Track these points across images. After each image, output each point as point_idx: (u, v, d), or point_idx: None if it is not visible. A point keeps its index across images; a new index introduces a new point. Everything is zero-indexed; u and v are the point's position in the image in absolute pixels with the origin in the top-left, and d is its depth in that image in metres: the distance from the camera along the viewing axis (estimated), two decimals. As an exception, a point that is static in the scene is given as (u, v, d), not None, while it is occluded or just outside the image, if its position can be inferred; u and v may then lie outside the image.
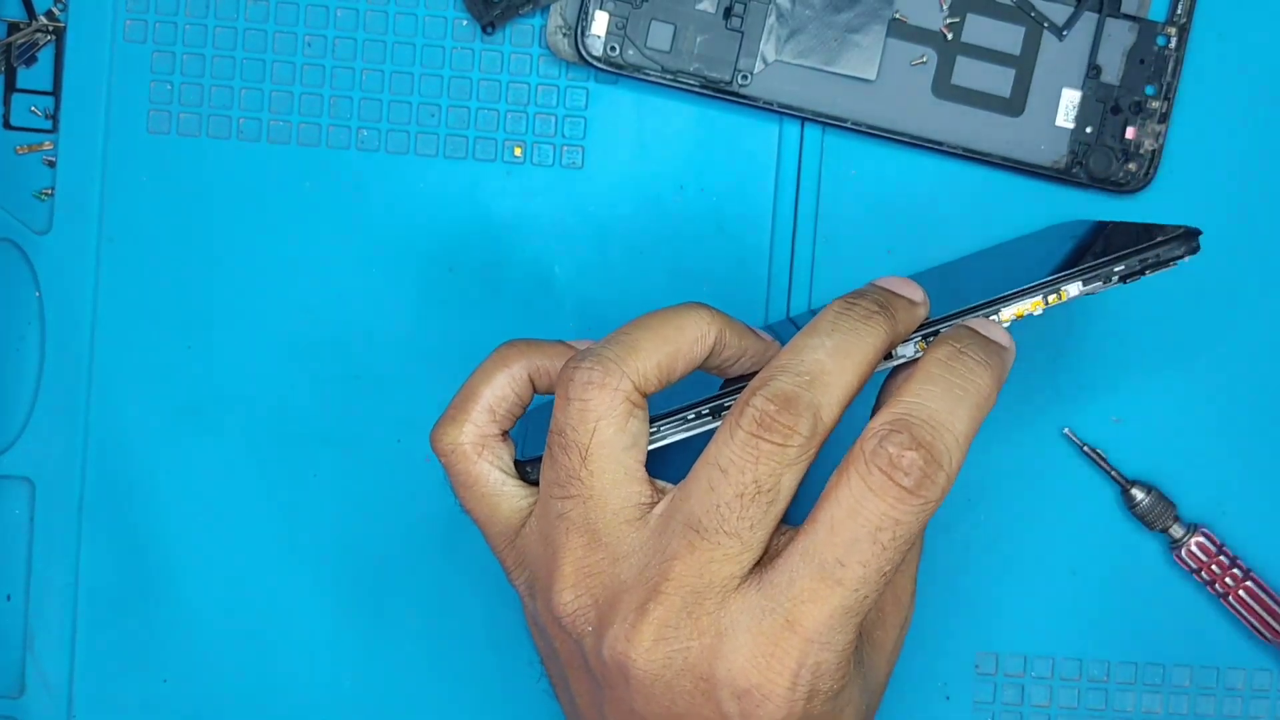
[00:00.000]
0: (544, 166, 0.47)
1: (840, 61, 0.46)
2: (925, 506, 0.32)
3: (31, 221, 0.48)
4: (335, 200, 0.47)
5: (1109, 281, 0.36)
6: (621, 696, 0.35)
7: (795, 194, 0.47)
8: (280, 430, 0.48)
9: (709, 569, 0.33)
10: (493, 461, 0.38)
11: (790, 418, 0.33)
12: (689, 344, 0.36)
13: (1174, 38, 0.46)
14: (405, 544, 0.48)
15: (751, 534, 0.33)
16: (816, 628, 0.33)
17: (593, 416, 0.35)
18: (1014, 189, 0.47)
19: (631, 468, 0.35)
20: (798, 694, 0.33)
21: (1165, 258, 0.36)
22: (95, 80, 0.47)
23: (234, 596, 0.48)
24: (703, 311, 0.37)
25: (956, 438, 0.33)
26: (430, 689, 0.48)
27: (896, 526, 0.32)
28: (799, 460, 0.33)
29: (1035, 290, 0.36)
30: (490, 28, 0.47)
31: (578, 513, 0.35)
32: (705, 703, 0.34)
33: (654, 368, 0.35)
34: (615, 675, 0.35)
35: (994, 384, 0.34)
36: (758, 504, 0.33)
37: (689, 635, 0.34)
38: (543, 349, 0.39)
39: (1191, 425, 0.47)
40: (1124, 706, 0.47)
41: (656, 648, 0.34)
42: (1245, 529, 0.47)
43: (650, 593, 0.34)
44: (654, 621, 0.34)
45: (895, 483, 0.32)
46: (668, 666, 0.34)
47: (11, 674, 0.48)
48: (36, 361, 0.48)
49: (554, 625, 0.36)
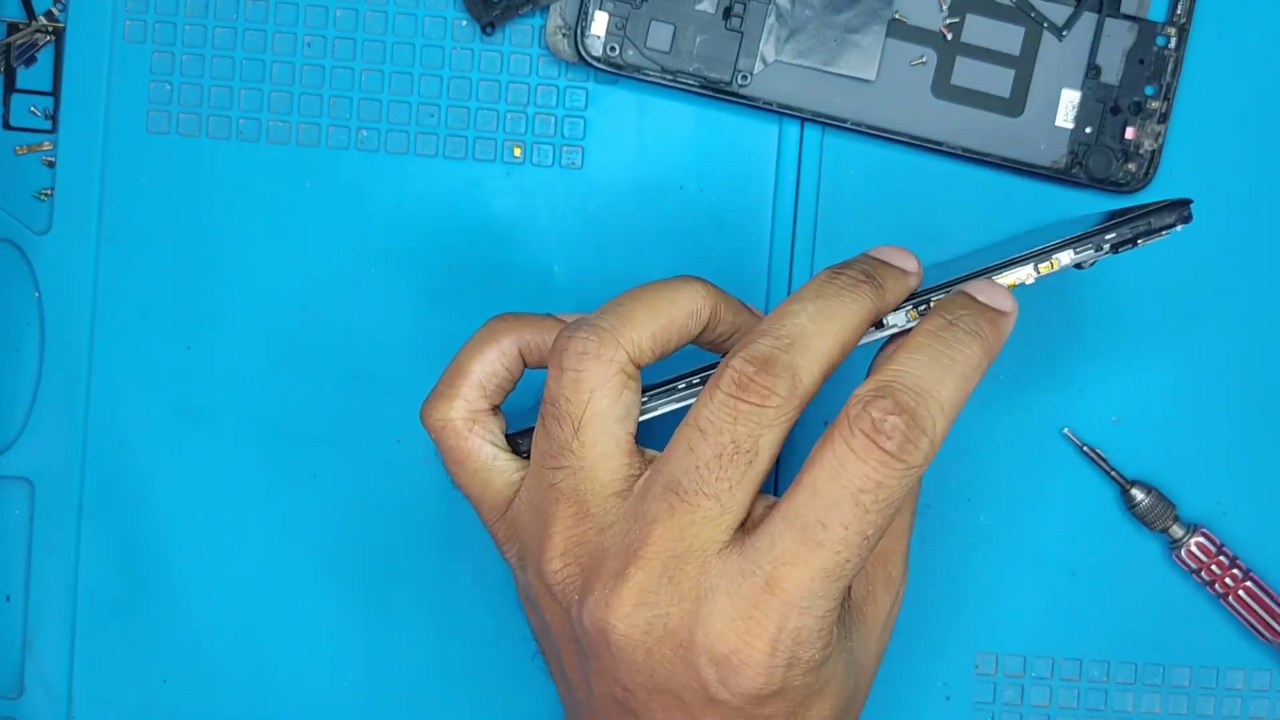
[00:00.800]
0: (544, 167, 0.47)
1: (840, 62, 0.46)
2: (909, 471, 0.32)
3: (31, 222, 0.48)
4: (335, 200, 0.47)
5: (1100, 250, 0.36)
6: (606, 666, 0.35)
7: (795, 194, 0.47)
8: (280, 430, 0.48)
9: (689, 531, 0.33)
10: (484, 436, 0.38)
11: (768, 379, 0.33)
12: (684, 316, 0.36)
13: (1174, 38, 0.46)
14: (404, 544, 0.48)
15: (730, 495, 0.33)
16: (797, 590, 0.33)
17: (587, 387, 0.35)
18: (1013, 189, 0.47)
19: (623, 439, 0.35)
20: (777, 660, 0.33)
21: (1157, 225, 0.36)
22: (95, 81, 0.47)
23: (233, 596, 0.48)
24: (697, 284, 0.37)
25: (941, 405, 0.33)
26: (430, 689, 0.48)
27: (879, 490, 0.32)
28: (777, 421, 0.33)
29: (1027, 260, 0.36)
30: (490, 28, 0.47)
31: (568, 483, 0.35)
32: (685, 670, 0.34)
33: (648, 339, 0.35)
34: (598, 642, 0.34)
35: (984, 354, 0.34)
36: (736, 464, 0.33)
37: (669, 600, 0.33)
38: (532, 323, 0.39)
39: (1191, 425, 0.47)
40: (1124, 706, 0.47)
41: (636, 613, 0.34)
42: (1245, 529, 0.47)
43: (630, 558, 0.34)
44: (634, 586, 0.34)
45: (878, 446, 0.32)
46: (648, 633, 0.34)
47: (11, 674, 0.48)
48: (36, 362, 0.48)
49: (545, 594, 0.36)
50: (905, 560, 0.39)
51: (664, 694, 0.34)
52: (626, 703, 0.35)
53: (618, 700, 0.35)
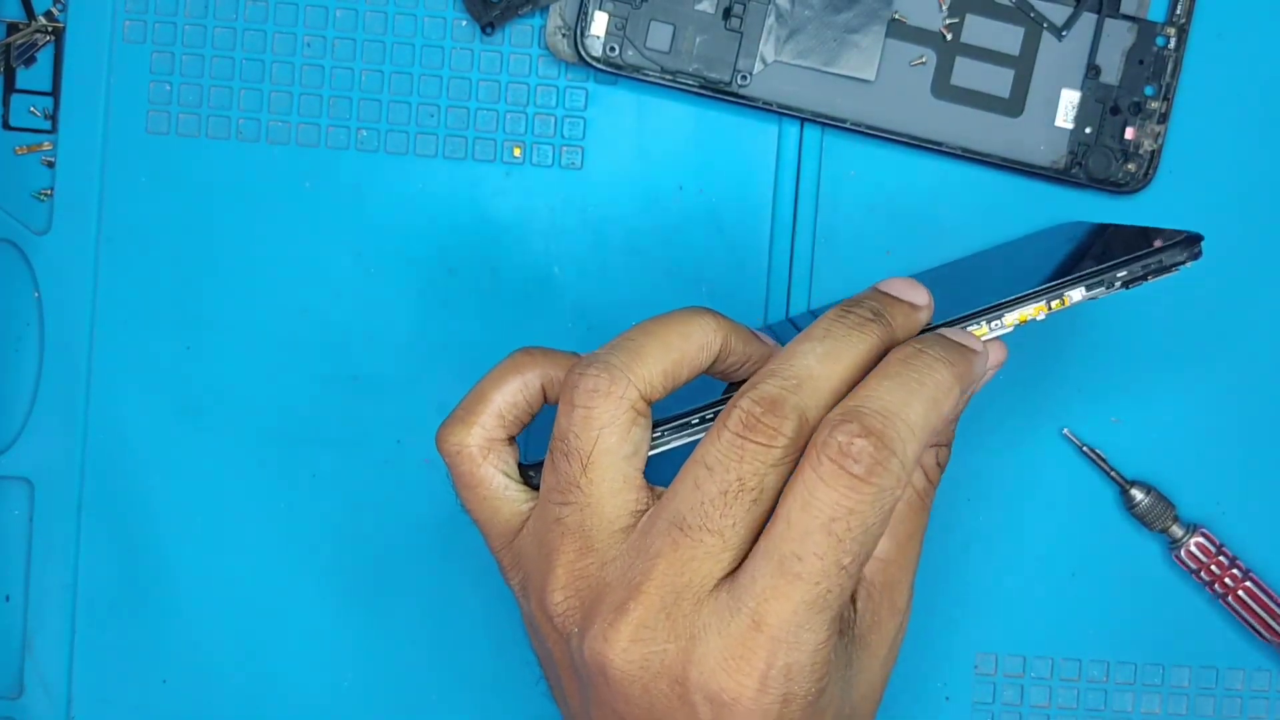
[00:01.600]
0: (543, 167, 0.47)
1: (839, 62, 0.46)
2: (880, 496, 0.32)
3: (31, 222, 0.48)
4: (335, 201, 0.47)
5: (1111, 287, 0.37)
6: (604, 698, 0.35)
7: (794, 194, 0.47)
8: (280, 431, 0.48)
9: (689, 567, 0.33)
10: (497, 465, 0.38)
11: (775, 420, 0.33)
12: (695, 350, 0.36)
13: (1173, 38, 0.46)
14: (404, 544, 0.48)
15: (734, 532, 0.33)
16: (782, 625, 0.32)
17: (596, 425, 0.35)
18: (1013, 189, 0.47)
19: (630, 476, 0.35)
20: (768, 697, 0.33)
21: (1168, 263, 0.36)
22: (94, 81, 0.47)
23: (233, 597, 0.48)
24: (708, 317, 0.37)
25: (910, 426, 0.33)
26: (430, 688, 0.48)
27: (850, 516, 0.32)
28: (783, 461, 0.33)
29: (1039, 295, 0.36)
30: (489, 28, 0.47)
31: (574, 519, 0.35)
32: (681, 706, 0.34)
33: (659, 375, 0.35)
34: (596, 675, 0.35)
35: (953, 378, 0.34)
36: (740, 502, 0.33)
37: (666, 638, 0.33)
38: (557, 359, 0.39)
39: (1191, 425, 0.47)
40: (1123, 707, 0.47)
41: (633, 648, 0.34)
42: (1245, 529, 0.47)
43: (631, 592, 0.34)
44: (631, 622, 0.34)
45: (845, 471, 0.32)
46: (645, 668, 0.34)
47: (10, 674, 0.48)
48: (36, 361, 0.48)
49: (546, 625, 0.36)
50: (910, 588, 0.38)
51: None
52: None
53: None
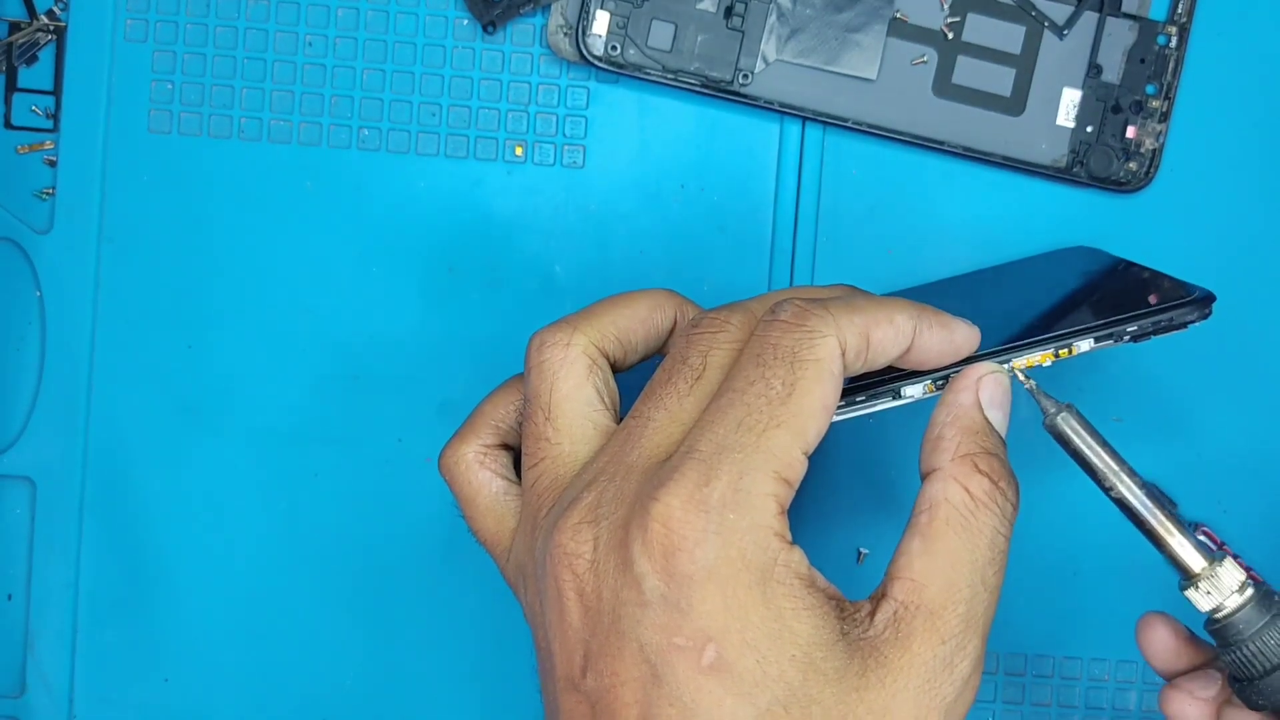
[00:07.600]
0: (545, 166, 0.47)
1: (841, 61, 0.46)
2: (810, 336, 0.32)
3: (32, 221, 0.48)
4: (336, 200, 0.47)
5: (1119, 340, 0.37)
6: (562, 619, 0.33)
7: (796, 193, 0.47)
8: (280, 430, 0.48)
9: (639, 444, 0.33)
10: (495, 470, 0.38)
11: (726, 313, 0.34)
12: (646, 309, 0.37)
13: (1174, 37, 0.46)
14: (405, 544, 0.48)
15: (680, 406, 0.33)
16: (712, 446, 0.32)
17: (550, 373, 0.35)
18: (1014, 188, 0.47)
19: (599, 422, 0.35)
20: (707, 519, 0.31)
21: (1178, 321, 0.37)
22: (96, 80, 0.47)
23: (234, 596, 0.48)
24: (661, 290, 0.38)
25: (850, 310, 0.33)
26: (430, 688, 0.48)
27: (777, 348, 0.32)
28: (727, 344, 0.33)
29: (1047, 343, 0.37)
30: (491, 27, 0.47)
31: (548, 474, 0.35)
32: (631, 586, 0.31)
33: (610, 326, 0.36)
34: (550, 583, 0.33)
35: (912, 310, 0.34)
36: (684, 378, 0.33)
37: (613, 509, 0.32)
38: None
39: (1191, 425, 0.47)
40: (1124, 706, 0.47)
41: (584, 528, 0.32)
42: (1245, 529, 0.47)
43: (587, 485, 0.33)
44: (584, 505, 0.32)
45: (777, 319, 0.32)
46: (595, 545, 0.32)
47: (12, 674, 0.48)
48: (36, 361, 0.48)
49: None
50: (968, 625, 0.34)
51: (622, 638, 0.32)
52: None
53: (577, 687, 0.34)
